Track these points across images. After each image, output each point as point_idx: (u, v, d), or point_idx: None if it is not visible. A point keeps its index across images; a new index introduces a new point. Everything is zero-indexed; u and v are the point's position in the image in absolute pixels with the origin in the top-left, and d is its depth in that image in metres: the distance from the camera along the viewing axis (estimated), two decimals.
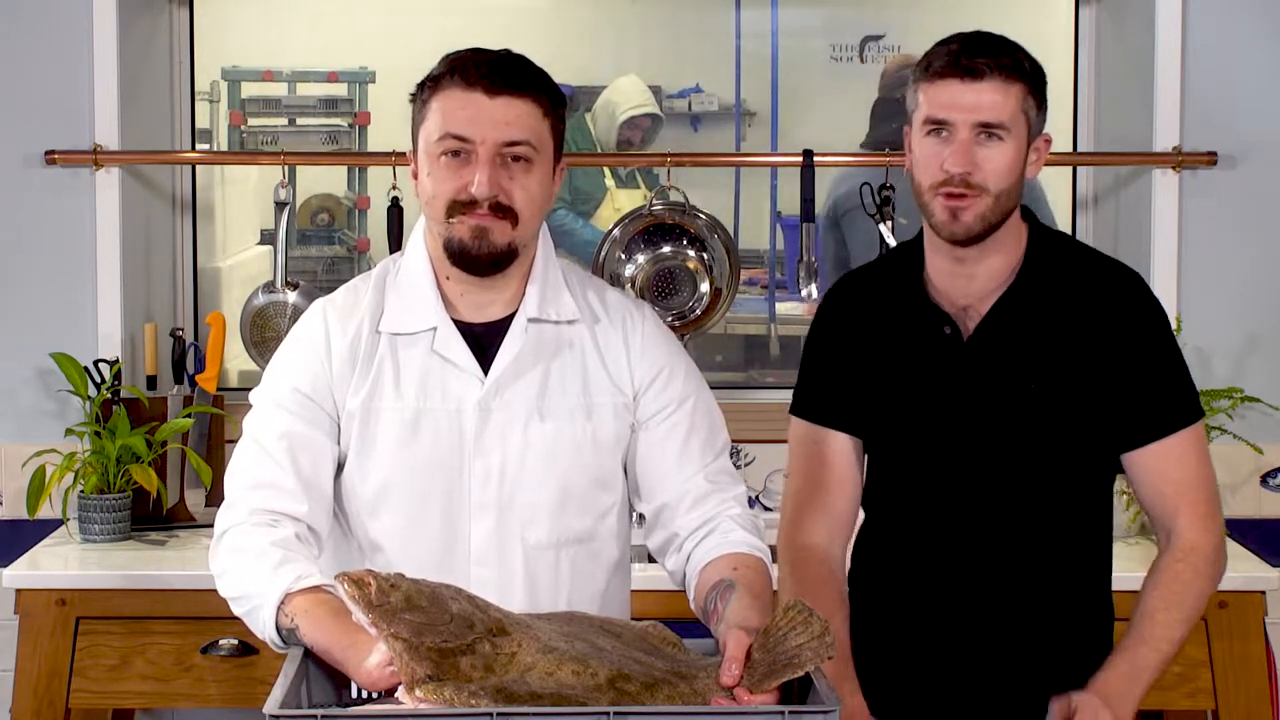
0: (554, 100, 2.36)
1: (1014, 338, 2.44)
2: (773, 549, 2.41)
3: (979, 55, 2.37)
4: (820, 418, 2.55)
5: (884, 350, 2.51)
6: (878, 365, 2.51)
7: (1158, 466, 2.44)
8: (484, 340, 2.39)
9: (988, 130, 2.36)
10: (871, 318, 2.53)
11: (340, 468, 2.39)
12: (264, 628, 2.20)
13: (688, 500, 2.40)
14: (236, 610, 2.27)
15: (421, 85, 2.36)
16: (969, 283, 2.45)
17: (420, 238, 2.43)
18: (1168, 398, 2.44)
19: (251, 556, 2.25)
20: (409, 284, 2.41)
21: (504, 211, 2.31)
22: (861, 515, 2.60)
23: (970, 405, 2.45)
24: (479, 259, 2.33)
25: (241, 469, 2.37)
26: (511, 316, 2.39)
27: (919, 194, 2.41)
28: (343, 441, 2.38)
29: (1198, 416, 2.45)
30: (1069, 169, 4.17)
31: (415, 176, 2.38)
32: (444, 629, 1.99)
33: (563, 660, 1.99)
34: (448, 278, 2.39)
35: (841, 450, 2.54)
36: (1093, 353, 2.42)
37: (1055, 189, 4.29)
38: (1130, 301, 2.45)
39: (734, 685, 2.03)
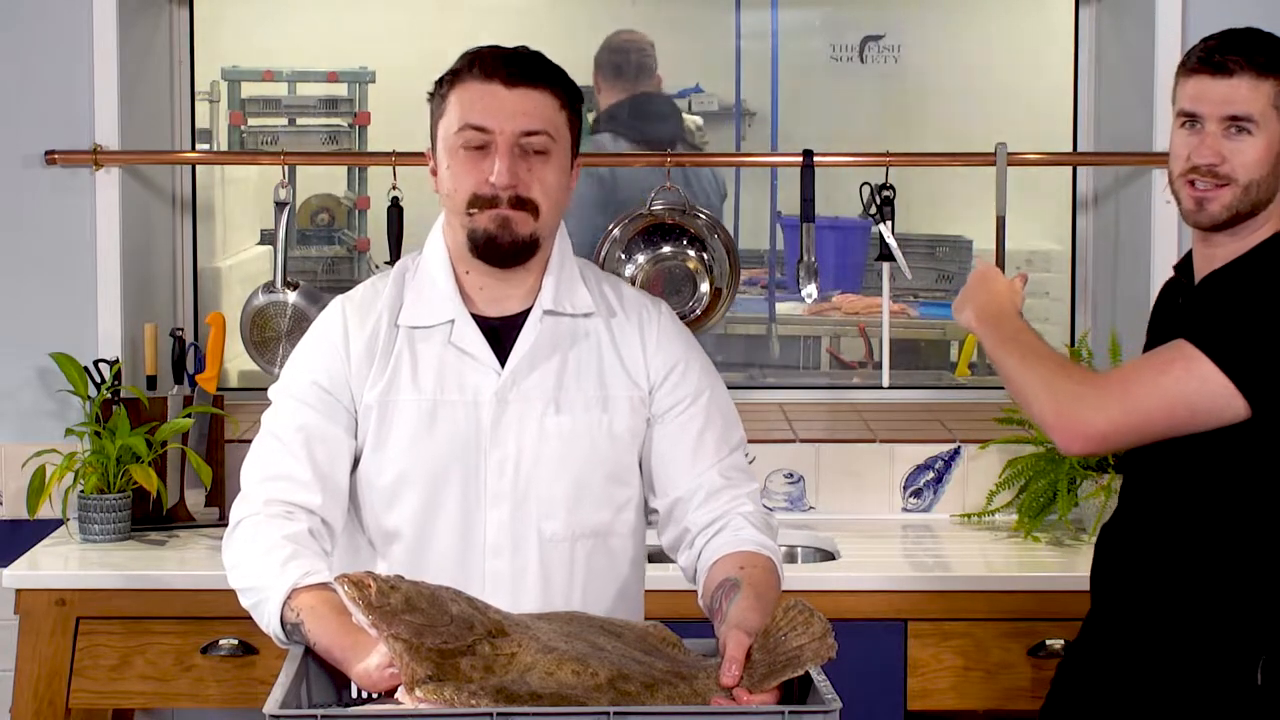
0: (570, 94, 2.39)
1: (1197, 311, 2.48)
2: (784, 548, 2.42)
3: (1231, 52, 2.46)
4: None
5: (1152, 330, 2.64)
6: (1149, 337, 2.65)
7: None
8: (501, 334, 2.41)
9: (1236, 124, 2.44)
10: (1160, 300, 2.67)
11: (356, 462, 2.40)
12: (269, 621, 2.21)
13: (700, 495, 2.41)
14: (244, 602, 2.28)
15: (440, 81, 2.38)
16: (1208, 264, 2.53)
17: (439, 234, 2.45)
18: (1206, 320, 2.41)
19: (262, 549, 2.27)
20: (426, 278, 2.43)
21: (523, 204, 2.33)
22: None
23: None
24: (502, 248, 2.35)
25: (257, 460, 2.39)
26: (528, 310, 2.41)
27: (1170, 182, 2.53)
28: (360, 435, 2.39)
29: (1215, 355, 2.35)
30: (1069, 169, 4.17)
31: (434, 173, 2.40)
32: (444, 630, 1.99)
33: (563, 660, 1.99)
34: (467, 272, 2.41)
35: None
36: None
37: (1055, 189, 4.29)
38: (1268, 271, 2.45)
39: (734, 685, 2.03)
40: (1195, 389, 2.36)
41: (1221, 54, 2.45)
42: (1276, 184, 2.48)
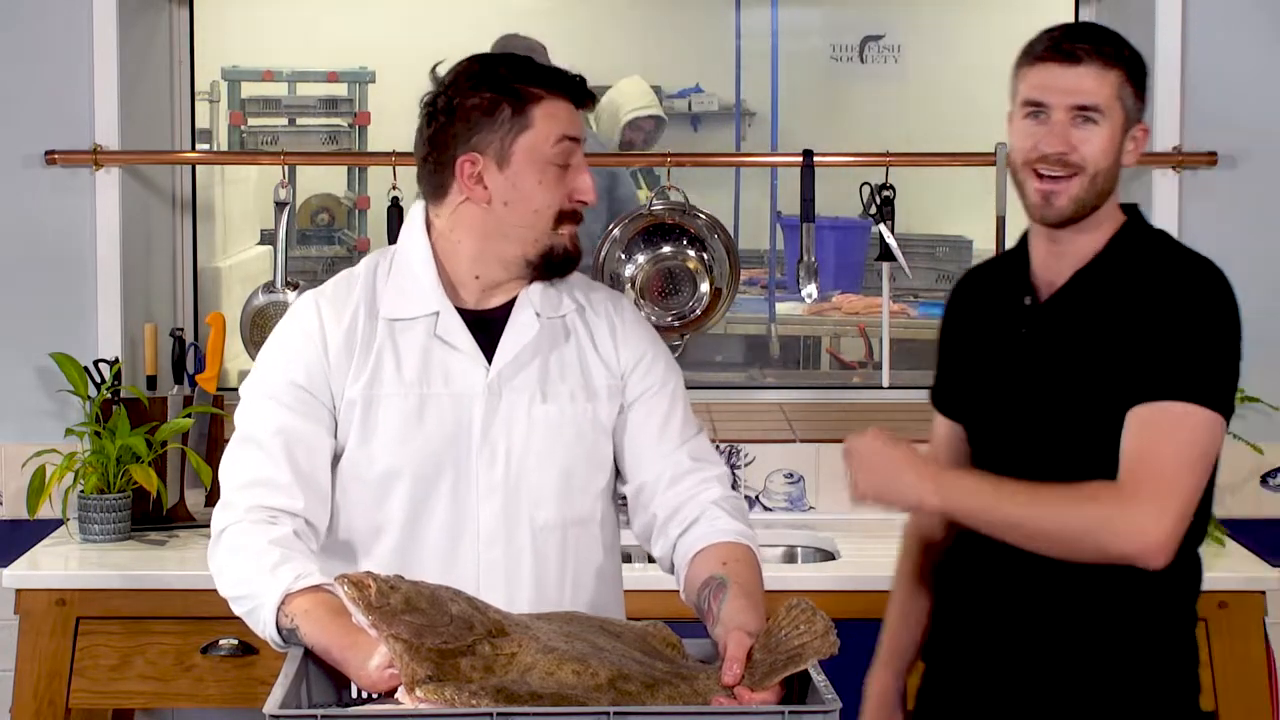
0: None
1: (1080, 310, 2.43)
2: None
3: (1078, 41, 2.43)
4: (933, 402, 2.63)
5: (975, 331, 2.57)
6: (969, 346, 2.57)
7: (1125, 432, 2.34)
8: (485, 326, 2.41)
9: (1083, 113, 2.41)
10: (975, 302, 2.60)
11: (337, 459, 2.39)
12: (264, 628, 2.20)
13: (666, 478, 2.42)
14: (236, 610, 2.27)
15: (511, 95, 2.35)
16: (1058, 261, 2.47)
17: (419, 226, 2.43)
18: (1165, 367, 2.34)
19: (250, 555, 2.25)
20: (406, 271, 2.42)
21: (583, 218, 2.42)
22: None
23: (1028, 375, 2.44)
24: (575, 263, 2.42)
25: (236, 466, 2.36)
26: (509, 304, 2.42)
27: (1014, 173, 2.47)
28: (341, 432, 2.38)
29: (1197, 398, 2.33)
30: None
31: (482, 184, 2.36)
32: (444, 630, 1.99)
33: (563, 660, 1.99)
34: (477, 276, 2.41)
35: (941, 436, 2.60)
36: (1133, 322, 2.38)
37: None
38: (1178, 279, 2.42)
39: (735, 685, 2.03)
40: (1203, 438, 2.33)
41: (1070, 42, 2.43)
42: (1118, 175, 2.46)
